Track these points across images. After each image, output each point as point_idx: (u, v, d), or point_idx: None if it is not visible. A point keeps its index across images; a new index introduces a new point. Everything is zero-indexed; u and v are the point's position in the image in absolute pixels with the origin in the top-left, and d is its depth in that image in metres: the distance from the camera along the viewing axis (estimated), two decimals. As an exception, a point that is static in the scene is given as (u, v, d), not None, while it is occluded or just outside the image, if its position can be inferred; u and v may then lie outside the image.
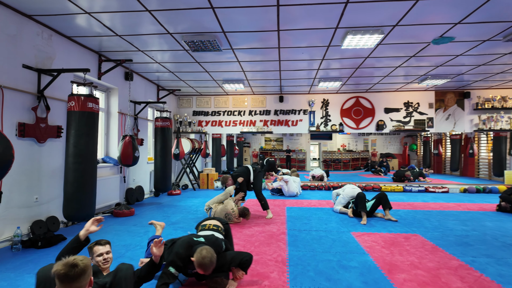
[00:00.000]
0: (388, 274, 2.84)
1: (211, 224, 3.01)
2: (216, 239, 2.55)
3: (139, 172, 7.14)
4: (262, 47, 5.34)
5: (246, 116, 9.49)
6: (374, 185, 8.48)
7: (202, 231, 2.92)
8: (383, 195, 5.04)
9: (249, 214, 4.84)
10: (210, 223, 3.04)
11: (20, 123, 3.87)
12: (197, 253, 2.23)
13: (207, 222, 3.09)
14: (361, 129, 9.31)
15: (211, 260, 2.21)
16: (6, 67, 3.70)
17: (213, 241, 2.50)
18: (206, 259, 2.19)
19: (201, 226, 3.04)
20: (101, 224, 2.26)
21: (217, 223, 3.07)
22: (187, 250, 2.34)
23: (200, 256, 2.20)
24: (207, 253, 2.22)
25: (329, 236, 4.10)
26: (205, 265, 2.19)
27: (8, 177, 3.69)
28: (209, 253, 2.22)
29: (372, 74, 7.25)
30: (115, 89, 6.27)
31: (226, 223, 3.16)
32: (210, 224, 3.02)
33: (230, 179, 5.25)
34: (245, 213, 4.80)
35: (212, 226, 2.99)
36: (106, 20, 4.23)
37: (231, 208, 4.73)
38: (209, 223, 3.04)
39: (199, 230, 3.01)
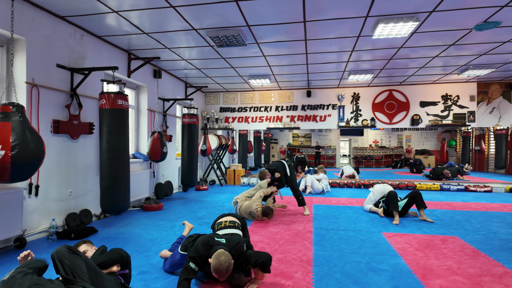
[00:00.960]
0: (422, 279, 2.63)
1: (226, 221, 2.98)
2: (237, 242, 2.47)
3: (168, 168, 7.30)
4: (288, 40, 5.19)
5: (272, 112, 9.37)
6: (408, 183, 8.03)
7: (220, 230, 2.88)
8: (416, 193, 4.72)
9: (272, 214, 4.73)
10: (225, 220, 3.00)
11: (54, 120, 4.06)
12: (215, 258, 2.20)
13: (222, 219, 3.05)
14: (395, 124, 8.84)
15: (227, 269, 2.20)
16: (41, 67, 3.89)
17: (234, 244, 2.43)
18: (223, 266, 2.18)
19: (217, 225, 3.00)
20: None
21: (233, 218, 3.04)
22: (206, 248, 2.32)
23: (217, 262, 2.18)
24: (224, 261, 2.20)
25: (358, 236, 3.91)
26: (220, 272, 2.18)
27: (45, 172, 3.90)
28: (227, 261, 2.20)
29: (406, 65, 6.83)
30: (144, 87, 6.43)
31: (242, 217, 3.13)
32: (226, 221, 2.99)
33: (268, 174, 5.18)
34: (268, 212, 4.69)
35: (229, 223, 2.95)
36: (134, 18, 4.31)
37: (256, 207, 4.67)
38: (225, 220, 3.00)
39: (216, 229, 2.96)
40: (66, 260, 1.68)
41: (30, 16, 3.75)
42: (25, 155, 2.74)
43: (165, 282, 2.58)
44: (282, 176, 5.17)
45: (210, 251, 2.30)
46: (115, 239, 3.79)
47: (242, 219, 3.12)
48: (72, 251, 1.76)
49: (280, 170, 5.18)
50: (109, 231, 4.15)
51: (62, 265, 1.67)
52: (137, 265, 2.97)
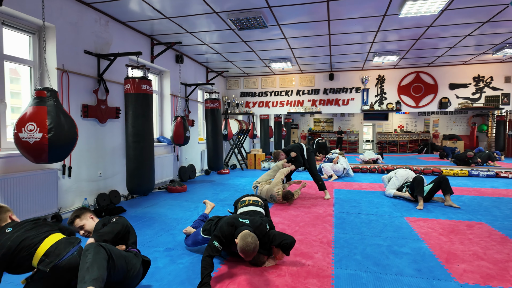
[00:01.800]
0: (445, 263, 2.60)
1: (250, 200, 3.08)
2: (261, 223, 2.53)
3: (191, 152, 7.48)
4: (310, 20, 5.06)
5: (293, 96, 9.27)
6: (434, 169, 7.79)
7: (243, 207, 2.97)
8: (443, 178, 4.58)
9: (292, 198, 4.76)
10: (249, 199, 3.11)
11: (84, 105, 4.24)
12: (242, 239, 2.25)
13: (246, 198, 3.16)
14: (421, 108, 8.52)
15: (254, 249, 2.25)
16: (70, 54, 4.05)
17: (258, 225, 2.50)
18: (249, 247, 2.22)
19: (241, 202, 3.11)
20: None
21: (256, 198, 3.14)
22: (231, 228, 2.38)
23: (244, 243, 2.23)
24: (251, 242, 2.24)
25: (380, 220, 3.88)
26: (247, 252, 2.23)
27: (76, 154, 4.12)
28: (253, 242, 2.25)
29: (435, 45, 6.49)
30: (167, 72, 6.54)
31: (265, 199, 3.23)
32: (249, 199, 3.09)
33: (282, 154, 5.21)
34: (288, 197, 4.72)
35: (252, 201, 3.06)
36: (156, 3, 4.35)
37: (277, 190, 4.72)
38: (248, 199, 3.11)
39: (239, 206, 3.07)
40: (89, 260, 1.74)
41: (59, 3, 3.87)
42: (60, 138, 2.91)
43: (190, 259, 2.71)
44: (299, 155, 5.16)
45: (235, 232, 2.37)
46: (142, 218, 3.99)
47: (265, 200, 3.23)
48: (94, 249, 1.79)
49: (295, 150, 5.18)
50: (137, 211, 4.36)
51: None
52: (163, 242, 3.12)
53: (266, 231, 2.55)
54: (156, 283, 2.29)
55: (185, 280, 2.33)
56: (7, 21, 3.47)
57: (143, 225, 3.68)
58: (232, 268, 2.52)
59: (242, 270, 2.49)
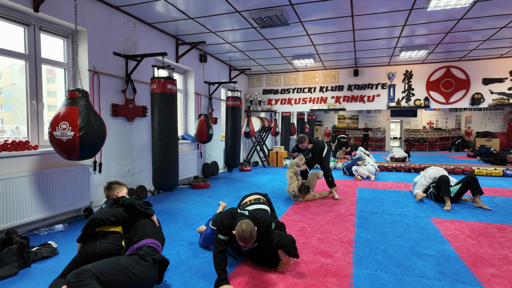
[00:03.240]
0: (471, 266, 2.51)
1: (251, 199, 3.07)
2: (261, 216, 2.50)
3: (214, 149, 7.63)
4: (333, 16, 4.99)
5: (316, 93, 9.16)
6: (465, 168, 7.44)
7: (248, 207, 2.96)
8: (471, 178, 4.38)
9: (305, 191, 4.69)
10: (250, 199, 3.10)
11: (113, 104, 4.46)
12: (237, 226, 2.26)
13: (246, 199, 3.14)
14: (452, 104, 8.13)
15: (251, 234, 2.22)
16: (100, 56, 4.26)
17: (258, 217, 2.46)
18: (246, 232, 2.21)
19: (243, 205, 3.06)
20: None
21: (257, 196, 3.15)
22: (230, 218, 2.40)
23: (240, 229, 2.23)
24: (246, 226, 2.23)
25: (404, 220, 3.79)
26: (245, 238, 2.22)
27: (106, 151, 4.34)
28: (248, 226, 2.24)
29: (468, 38, 6.17)
30: (191, 71, 6.69)
31: (265, 194, 3.25)
32: (250, 199, 3.08)
33: (307, 141, 5.12)
34: (301, 189, 4.69)
35: (253, 200, 3.05)
36: (180, 4, 4.46)
37: (293, 187, 4.77)
38: (249, 199, 3.09)
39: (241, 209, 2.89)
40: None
41: (90, 8, 4.08)
42: (90, 136, 3.09)
43: (211, 253, 2.80)
44: (317, 152, 5.10)
45: (234, 222, 2.37)
46: (168, 213, 4.14)
47: (265, 195, 3.23)
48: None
49: (316, 146, 5.11)
50: (162, 206, 4.54)
51: None
52: (187, 236, 3.24)
53: (266, 228, 2.47)
54: (179, 276, 2.39)
55: (207, 274, 2.42)
56: (44, 27, 3.71)
57: (168, 220, 3.83)
58: (250, 266, 2.57)
59: (259, 268, 2.53)
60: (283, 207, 4.44)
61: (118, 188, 2.77)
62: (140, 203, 2.44)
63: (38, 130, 3.66)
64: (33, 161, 3.45)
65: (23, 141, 3.39)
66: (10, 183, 3.11)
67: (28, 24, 3.54)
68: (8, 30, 3.47)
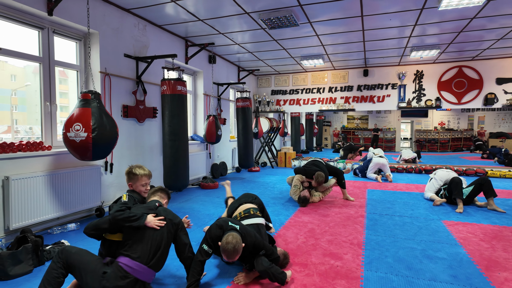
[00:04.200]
0: (485, 270, 2.47)
1: (241, 212, 2.77)
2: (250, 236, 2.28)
3: (222, 149, 7.66)
4: (343, 17, 4.96)
5: (325, 93, 9.11)
6: (477, 170, 7.30)
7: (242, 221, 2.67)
8: (484, 180, 4.29)
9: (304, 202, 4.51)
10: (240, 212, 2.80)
11: (124, 105, 4.52)
12: (224, 237, 2.15)
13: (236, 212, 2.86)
14: (464, 105, 7.99)
15: (234, 247, 2.09)
16: (111, 58, 4.33)
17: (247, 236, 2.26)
18: (230, 245, 2.08)
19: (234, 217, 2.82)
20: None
21: (247, 207, 2.83)
22: (218, 230, 2.26)
23: (225, 241, 2.12)
24: (232, 239, 2.11)
25: (415, 222, 3.74)
26: (227, 250, 2.10)
27: (117, 151, 4.41)
28: (234, 239, 2.11)
29: (481, 37, 6.06)
30: (200, 72, 6.74)
31: (255, 197, 2.99)
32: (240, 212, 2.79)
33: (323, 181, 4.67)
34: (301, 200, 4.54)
35: (243, 213, 2.74)
36: (190, 6, 4.50)
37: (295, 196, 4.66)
38: (238, 212, 2.80)
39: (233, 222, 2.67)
40: None
41: (102, 11, 4.16)
42: (103, 137, 3.15)
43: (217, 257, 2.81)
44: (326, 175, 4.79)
45: (222, 234, 2.23)
46: (177, 213, 4.16)
47: (254, 199, 2.97)
48: None
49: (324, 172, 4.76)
50: (172, 206, 4.58)
51: None
52: (196, 237, 3.26)
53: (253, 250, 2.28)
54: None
55: (215, 276, 2.43)
56: (58, 30, 3.79)
57: (177, 220, 3.86)
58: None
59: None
60: (292, 208, 4.43)
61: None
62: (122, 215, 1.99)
63: (51, 131, 3.74)
64: (47, 161, 3.53)
65: (37, 142, 3.47)
66: (25, 182, 3.19)
67: (42, 28, 3.62)
68: (23, 34, 3.56)
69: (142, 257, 1.96)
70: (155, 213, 2.15)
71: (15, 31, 3.47)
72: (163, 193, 2.46)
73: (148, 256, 1.98)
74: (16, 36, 3.54)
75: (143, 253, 1.97)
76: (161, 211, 2.20)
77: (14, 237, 2.88)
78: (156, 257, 2.02)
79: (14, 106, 17.47)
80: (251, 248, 2.26)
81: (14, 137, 3.65)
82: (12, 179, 3.07)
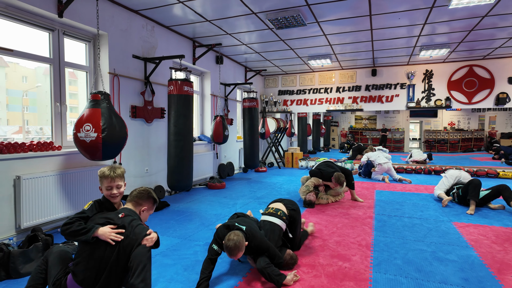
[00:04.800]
0: (497, 273, 2.41)
1: (272, 208, 2.82)
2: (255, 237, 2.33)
3: (229, 150, 7.67)
4: (351, 16, 4.92)
5: (333, 93, 9.05)
6: (488, 170, 7.17)
7: (264, 216, 2.79)
8: (504, 187, 4.19)
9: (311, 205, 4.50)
10: (271, 207, 2.86)
11: (132, 106, 4.56)
12: (226, 236, 2.24)
13: (270, 205, 2.93)
14: (474, 104, 7.85)
15: (235, 244, 2.16)
16: (120, 58, 4.37)
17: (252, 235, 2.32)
18: (231, 242, 2.16)
19: (265, 210, 2.90)
20: None
21: (279, 206, 2.85)
22: (224, 230, 2.36)
23: (226, 238, 2.21)
24: (234, 236, 2.19)
25: (425, 224, 3.69)
26: (228, 247, 2.17)
27: (126, 152, 4.45)
28: (235, 236, 2.19)
29: (492, 36, 5.95)
30: (207, 73, 6.76)
31: (292, 208, 2.84)
32: (272, 207, 2.84)
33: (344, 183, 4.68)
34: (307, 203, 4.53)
35: (273, 210, 2.79)
36: (198, 7, 4.52)
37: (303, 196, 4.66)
38: (271, 207, 2.85)
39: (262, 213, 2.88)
40: None
41: (110, 12, 4.20)
42: (112, 137, 3.18)
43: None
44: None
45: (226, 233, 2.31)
46: (185, 213, 4.20)
47: (291, 209, 2.82)
48: None
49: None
50: (179, 206, 4.60)
51: None
52: (203, 236, 3.27)
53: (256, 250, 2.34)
54: (196, 276, 2.41)
55: (223, 274, 2.43)
56: (68, 31, 3.84)
57: (185, 220, 3.89)
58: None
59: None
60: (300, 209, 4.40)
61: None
62: (69, 229, 1.73)
63: (61, 131, 3.79)
64: (57, 161, 3.58)
65: (47, 142, 3.52)
66: (35, 182, 3.24)
67: (52, 29, 3.68)
68: (35, 36, 3.62)
69: (86, 280, 1.70)
70: (116, 225, 1.81)
71: (26, 33, 3.54)
72: (141, 199, 2.00)
73: (91, 279, 1.69)
74: (28, 38, 3.60)
75: (86, 275, 1.70)
76: (126, 222, 1.83)
77: (25, 235, 2.93)
78: (101, 282, 1.70)
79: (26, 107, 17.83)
80: (255, 249, 2.33)
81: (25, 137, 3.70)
82: (23, 179, 3.12)
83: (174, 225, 3.68)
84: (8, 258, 2.40)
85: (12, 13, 3.27)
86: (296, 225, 2.81)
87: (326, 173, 4.74)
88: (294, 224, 2.80)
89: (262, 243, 2.32)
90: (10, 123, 17.23)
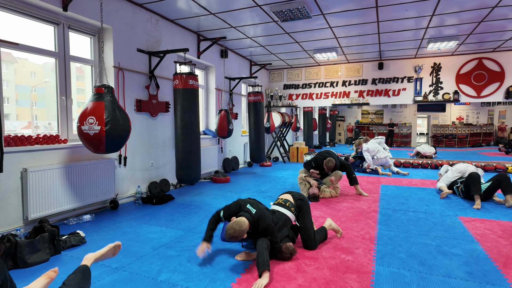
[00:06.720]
0: (502, 267, 2.38)
1: (282, 198, 2.91)
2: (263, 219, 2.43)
3: (234, 144, 7.68)
4: (357, 8, 4.85)
5: (339, 87, 8.97)
6: (497, 165, 7.05)
7: (274, 206, 2.87)
8: (503, 177, 4.14)
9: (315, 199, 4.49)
10: (281, 197, 2.95)
11: (137, 100, 4.58)
12: (232, 221, 2.36)
13: (280, 196, 3.01)
14: (484, 98, 7.70)
15: (234, 233, 2.27)
16: (124, 52, 4.38)
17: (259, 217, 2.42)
18: (231, 230, 2.27)
19: (275, 201, 2.97)
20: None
21: (287, 197, 2.93)
22: (236, 207, 2.55)
23: (230, 223, 2.33)
24: (236, 225, 2.28)
25: (430, 218, 3.65)
26: (227, 234, 2.29)
27: (131, 145, 4.48)
28: (238, 226, 2.28)
29: (503, 27, 5.81)
30: (212, 67, 6.75)
31: (299, 198, 2.91)
32: (281, 198, 2.93)
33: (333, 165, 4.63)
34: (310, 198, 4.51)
35: (282, 200, 2.88)
36: (202, 0, 4.49)
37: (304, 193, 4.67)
38: (281, 198, 2.95)
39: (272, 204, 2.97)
40: None
41: (115, 6, 4.20)
42: (116, 130, 3.20)
43: (231, 245, 2.83)
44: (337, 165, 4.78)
45: (237, 211, 2.51)
46: (189, 206, 4.23)
47: (298, 199, 2.89)
48: None
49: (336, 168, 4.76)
50: (184, 199, 4.63)
51: None
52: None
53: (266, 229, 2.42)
54: (198, 268, 2.43)
55: (227, 266, 2.45)
56: (72, 25, 3.86)
57: (190, 212, 3.91)
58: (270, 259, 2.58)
59: (277, 262, 2.53)
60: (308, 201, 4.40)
61: None
62: None
63: (67, 125, 3.83)
64: (63, 154, 3.62)
65: (53, 135, 3.56)
66: (42, 174, 3.28)
67: (57, 23, 3.70)
68: (40, 29, 3.65)
69: None
70: None
71: (32, 27, 3.56)
72: None
73: None
74: (33, 32, 3.63)
75: None
76: None
77: (32, 226, 2.98)
78: None
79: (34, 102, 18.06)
80: (261, 230, 2.44)
81: (34, 132, 3.75)
82: (30, 171, 3.16)
83: (178, 217, 3.71)
84: (15, 248, 2.45)
85: (18, 7, 3.29)
86: (304, 214, 2.81)
87: (319, 159, 4.77)
88: (302, 214, 2.82)
89: (269, 227, 2.44)
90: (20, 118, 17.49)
